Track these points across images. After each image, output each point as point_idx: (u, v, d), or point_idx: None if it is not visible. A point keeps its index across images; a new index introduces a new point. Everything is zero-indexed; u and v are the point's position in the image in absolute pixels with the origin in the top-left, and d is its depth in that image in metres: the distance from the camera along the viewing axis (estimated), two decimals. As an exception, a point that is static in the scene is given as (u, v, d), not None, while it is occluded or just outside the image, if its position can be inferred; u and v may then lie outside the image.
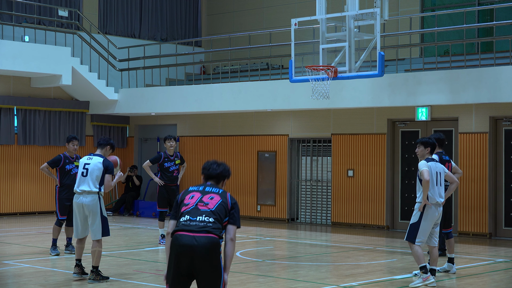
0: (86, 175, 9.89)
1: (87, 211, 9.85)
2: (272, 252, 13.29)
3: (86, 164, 9.96)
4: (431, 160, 9.87)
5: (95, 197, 9.86)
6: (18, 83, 19.32)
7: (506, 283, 10.22)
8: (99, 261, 9.86)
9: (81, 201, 9.87)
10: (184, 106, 18.75)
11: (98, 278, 9.79)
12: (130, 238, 15.17)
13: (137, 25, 22.50)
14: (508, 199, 15.40)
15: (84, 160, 10.05)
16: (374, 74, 12.71)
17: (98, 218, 9.83)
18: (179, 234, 5.75)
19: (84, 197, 9.86)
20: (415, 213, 9.75)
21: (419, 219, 9.69)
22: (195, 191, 5.99)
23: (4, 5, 19.29)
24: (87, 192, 9.85)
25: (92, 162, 9.93)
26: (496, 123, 15.54)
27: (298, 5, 21.16)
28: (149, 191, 20.64)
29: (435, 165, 9.85)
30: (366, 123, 17.09)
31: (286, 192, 18.42)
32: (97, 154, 10.06)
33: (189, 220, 5.79)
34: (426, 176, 9.56)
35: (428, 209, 9.67)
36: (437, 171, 9.81)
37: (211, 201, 5.88)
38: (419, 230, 9.67)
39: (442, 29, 16.52)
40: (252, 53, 20.27)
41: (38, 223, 17.52)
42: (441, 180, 9.83)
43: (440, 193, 9.80)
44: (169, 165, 13.97)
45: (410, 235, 9.72)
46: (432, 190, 9.71)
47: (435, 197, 9.72)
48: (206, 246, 5.69)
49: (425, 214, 9.67)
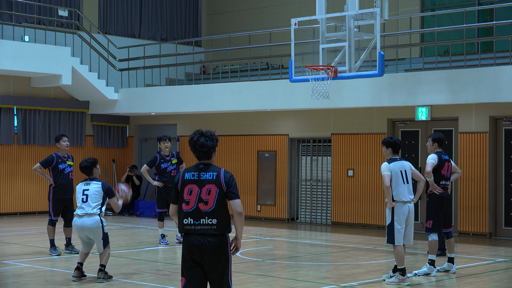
0: (86, 201, 9.86)
1: (90, 233, 9.85)
2: (272, 252, 13.29)
3: (85, 190, 9.90)
4: (394, 160, 9.95)
5: (96, 219, 9.81)
6: (18, 83, 19.32)
7: (506, 283, 10.22)
8: (107, 261, 9.95)
9: (82, 224, 9.81)
10: (184, 106, 18.75)
11: (107, 277, 9.88)
12: (130, 238, 15.17)
13: (137, 25, 22.50)
14: (508, 199, 15.40)
15: (81, 186, 9.96)
16: (374, 74, 12.71)
17: (100, 237, 9.84)
18: (188, 235, 6.06)
19: (85, 220, 9.78)
20: (387, 214, 9.91)
21: (391, 219, 9.84)
22: (192, 182, 6.07)
23: (4, 5, 19.29)
24: (88, 215, 9.80)
25: (91, 188, 9.90)
26: (496, 123, 15.54)
27: (298, 5, 21.16)
28: (149, 191, 20.65)
29: (400, 164, 9.93)
30: (366, 123, 17.08)
31: (286, 192, 18.42)
32: (94, 178, 10.01)
33: (193, 224, 6.04)
34: (386, 182, 9.75)
35: (397, 208, 9.81)
36: (402, 169, 9.90)
37: (210, 198, 6.01)
38: (395, 230, 9.81)
39: (442, 29, 16.52)
40: (252, 53, 20.27)
41: (38, 223, 17.52)
42: (407, 178, 9.91)
43: (408, 190, 9.90)
44: (165, 165, 13.97)
45: (390, 237, 9.87)
46: (397, 190, 9.83)
47: (401, 196, 9.83)
48: (216, 243, 6.02)
49: (395, 214, 9.83)
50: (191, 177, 6.09)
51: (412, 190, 9.98)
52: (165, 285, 9.70)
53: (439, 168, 10.82)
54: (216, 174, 6.07)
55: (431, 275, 10.52)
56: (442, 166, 10.85)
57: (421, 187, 10.13)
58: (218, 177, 6.06)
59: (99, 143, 21.04)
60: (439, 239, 11.53)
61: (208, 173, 6.08)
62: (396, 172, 9.85)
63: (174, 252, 13.15)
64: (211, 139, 6.13)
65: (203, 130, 6.18)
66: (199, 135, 6.13)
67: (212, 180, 6.05)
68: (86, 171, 10.07)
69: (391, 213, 9.83)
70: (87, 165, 10.06)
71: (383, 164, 9.93)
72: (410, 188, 9.93)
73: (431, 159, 10.74)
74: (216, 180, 6.05)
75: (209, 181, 6.05)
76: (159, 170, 13.98)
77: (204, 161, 6.16)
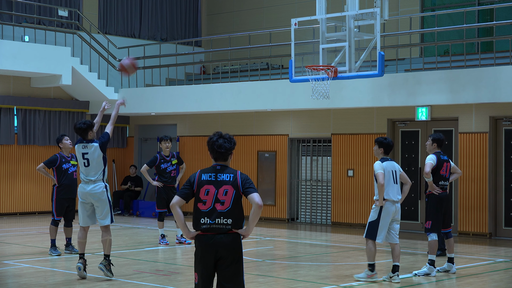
0: (88, 165, 10.01)
1: (95, 199, 10.00)
2: (272, 252, 13.29)
3: (84, 154, 10.03)
4: (386, 159, 10.11)
5: (101, 185, 10.04)
6: (18, 83, 19.32)
7: (506, 283, 10.22)
8: (110, 249, 10.06)
9: (88, 190, 10.00)
10: (184, 106, 18.75)
11: (109, 267, 9.94)
12: (130, 238, 15.17)
13: (137, 25, 22.50)
14: (508, 199, 15.40)
15: (80, 149, 10.08)
16: (374, 74, 12.71)
17: (106, 205, 10.02)
18: (203, 235, 6.22)
19: (91, 186, 10.00)
20: (374, 211, 10.03)
21: (378, 217, 9.98)
22: (209, 183, 6.24)
23: (4, 5, 19.29)
24: (93, 181, 10.00)
25: (90, 151, 10.02)
26: (496, 123, 15.54)
27: (298, 5, 21.16)
28: (149, 191, 20.65)
29: (391, 164, 10.11)
30: (366, 123, 17.09)
31: (286, 192, 18.42)
32: (90, 140, 10.08)
33: (209, 224, 6.20)
34: (381, 180, 9.88)
35: (386, 207, 9.96)
36: (393, 170, 10.09)
37: (226, 198, 6.20)
38: (379, 227, 9.96)
39: (442, 29, 16.52)
40: (252, 53, 20.26)
41: (38, 223, 17.51)
42: (396, 178, 10.09)
43: (397, 191, 10.07)
44: (165, 166, 13.97)
45: (370, 232, 10.03)
46: (388, 189, 9.99)
47: (391, 195, 10.00)
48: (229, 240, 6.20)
49: (383, 212, 9.97)
50: (208, 178, 6.26)
51: (400, 190, 10.16)
52: (165, 285, 9.70)
53: (438, 168, 10.83)
54: (233, 176, 6.26)
55: (431, 275, 10.53)
56: (441, 166, 10.85)
57: (407, 189, 10.26)
58: (235, 178, 6.24)
59: (99, 143, 21.01)
60: (439, 240, 11.55)
61: (225, 175, 6.26)
62: (388, 172, 10.03)
63: (174, 252, 13.15)
64: (229, 141, 6.32)
65: (222, 132, 6.38)
66: (218, 137, 6.33)
67: (229, 181, 6.23)
68: (81, 133, 10.07)
69: (379, 210, 9.98)
70: (81, 127, 10.07)
71: (377, 162, 10.08)
72: (398, 188, 10.13)
73: (430, 159, 10.77)
74: (233, 181, 6.23)
75: (226, 182, 6.23)
76: (159, 170, 13.98)
77: (220, 163, 6.33)
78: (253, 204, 6.19)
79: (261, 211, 6.21)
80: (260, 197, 6.22)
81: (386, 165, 10.03)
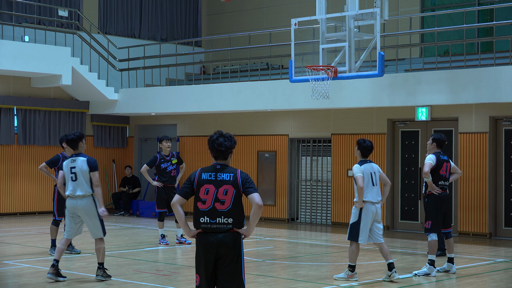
0: (75, 180, 9.79)
1: (83, 214, 9.81)
2: (272, 252, 13.29)
3: (72, 168, 9.81)
4: (365, 162, 10.24)
5: (89, 199, 9.82)
6: (18, 83, 19.32)
7: (506, 283, 10.22)
8: (104, 258, 9.96)
9: (75, 205, 9.81)
10: (184, 106, 18.75)
11: (105, 275, 9.88)
12: (130, 238, 15.17)
13: (137, 25, 22.50)
14: (508, 199, 15.40)
15: (68, 164, 9.87)
16: (374, 74, 12.71)
17: (96, 218, 9.83)
18: (204, 233, 6.24)
19: (79, 201, 9.80)
20: (354, 213, 10.16)
21: (358, 218, 10.10)
22: (209, 182, 6.25)
23: (4, 5, 19.29)
24: (81, 197, 9.79)
25: (77, 165, 9.80)
26: (496, 123, 15.54)
27: (298, 5, 21.16)
28: (149, 191, 20.65)
29: (370, 166, 10.24)
30: (366, 123, 17.08)
31: (286, 192, 18.42)
32: (79, 154, 9.92)
33: (210, 223, 6.22)
34: (360, 183, 10.02)
35: (365, 208, 10.08)
36: (372, 171, 10.21)
37: (226, 198, 6.21)
38: (360, 229, 10.07)
39: (442, 29, 16.52)
40: (252, 53, 20.27)
41: (38, 223, 17.51)
42: (376, 180, 10.20)
43: (377, 192, 10.17)
44: (165, 165, 13.97)
45: (352, 234, 10.13)
46: (366, 191, 10.11)
47: (370, 197, 10.13)
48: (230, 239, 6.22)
49: (364, 213, 10.09)
50: (208, 177, 6.28)
51: (379, 192, 10.25)
52: (165, 285, 9.71)
53: (438, 168, 10.82)
54: (233, 175, 6.26)
55: (431, 275, 10.53)
56: (440, 166, 10.84)
57: (387, 190, 10.33)
58: (235, 178, 6.25)
59: (99, 143, 21.05)
60: (439, 239, 11.55)
61: (225, 174, 6.27)
62: (367, 174, 10.16)
63: (174, 252, 13.16)
64: (229, 140, 6.35)
65: (222, 131, 6.41)
66: (218, 135, 6.36)
67: (229, 180, 6.24)
68: (71, 144, 9.91)
69: (359, 212, 10.08)
70: (73, 138, 9.90)
71: (355, 166, 10.22)
72: (378, 190, 10.23)
73: (429, 159, 10.77)
74: (233, 181, 6.24)
75: (226, 182, 6.25)
76: (159, 170, 13.98)
77: (220, 162, 6.34)
78: (253, 204, 6.20)
79: (261, 211, 6.21)
80: (260, 197, 6.22)
81: (364, 167, 10.16)
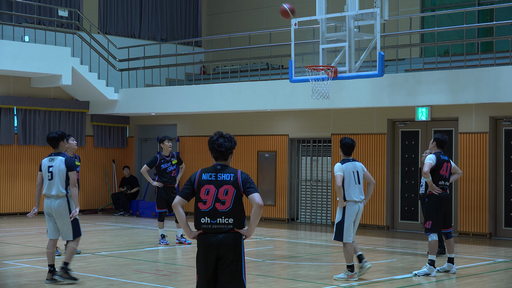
0: (52, 179, 9.63)
1: (56, 215, 9.64)
2: (272, 252, 13.29)
3: (50, 167, 9.66)
4: (347, 160, 10.28)
5: (63, 200, 9.61)
6: (18, 83, 19.32)
7: (506, 283, 10.22)
8: (71, 259, 9.71)
9: (50, 205, 9.63)
10: (184, 106, 18.75)
11: (65, 276, 9.58)
12: (130, 238, 15.17)
13: (137, 25, 22.50)
14: (508, 199, 15.40)
15: (46, 162, 9.72)
16: (374, 74, 12.71)
17: (67, 220, 9.61)
18: (205, 234, 6.26)
19: (53, 201, 9.62)
20: (338, 212, 10.19)
21: (342, 217, 10.15)
22: (209, 183, 6.27)
23: (4, 5, 19.29)
24: (55, 197, 9.62)
25: (55, 164, 9.65)
26: (496, 123, 15.54)
27: (298, 5, 21.13)
28: (149, 191, 20.65)
29: (352, 165, 10.27)
30: (366, 123, 17.09)
31: (286, 192, 18.42)
32: (58, 153, 9.74)
33: (210, 224, 6.23)
34: (338, 182, 10.09)
35: (348, 207, 10.12)
36: (354, 170, 10.23)
37: (227, 198, 6.23)
38: (345, 228, 10.11)
39: (442, 29, 16.52)
40: (252, 53, 20.27)
41: (38, 223, 17.50)
42: (359, 179, 10.23)
43: (360, 191, 10.20)
44: (166, 166, 13.97)
45: (338, 234, 10.18)
46: (349, 189, 10.15)
47: (352, 195, 10.16)
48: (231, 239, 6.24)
49: (347, 212, 10.14)
50: (208, 178, 6.29)
51: (363, 190, 10.29)
52: (165, 285, 9.70)
53: (438, 168, 10.81)
54: (233, 175, 6.28)
55: (431, 276, 10.53)
56: (440, 166, 10.83)
57: (371, 189, 10.36)
58: (235, 178, 6.27)
59: (99, 143, 21.05)
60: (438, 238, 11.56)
61: (226, 174, 6.29)
62: (349, 173, 10.18)
63: (174, 252, 13.16)
64: (229, 140, 6.37)
65: (222, 132, 6.43)
66: (219, 136, 6.38)
67: (229, 181, 6.26)
68: (52, 142, 9.74)
69: (342, 211, 10.13)
70: (54, 137, 9.73)
71: (336, 164, 10.24)
72: (361, 188, 10.26)
73: (429, 159, 10.76)
74: (234, 181, 6.26)
75: (227, 182, 6.26)
76: (159, 171, 13.98)
77: (221, 162, 6.36)
78: (254, 204, 6.21)
79: (262, 211, 6.23)
80: (260, 197, 6.24)
81: (346, 166, 10.20)
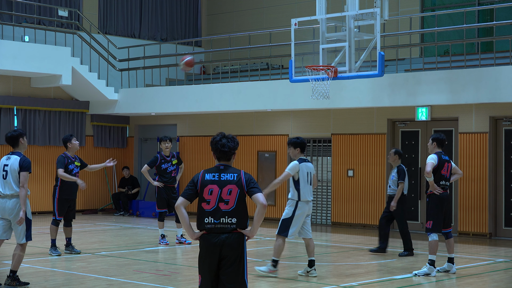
0: (6, 178, 9.30)
1: (10, 214, 9.29)
2: (272, 252, 13.25)
3: (5, 165, 9.34)
4: (304, 160, 10.45)
5: (18, 200, 9.27)
6: (18, 83, 19.32)
7: (506, 283, 10.22)
8: (19, 266, 9.38)
9: (3, 205, 9.27)
10: (184, 106, 18.76)
11: (14, 284, 9.30)
12: (130, 238, 15.17)
13: (137, 25, 22.51)
14: (508, 199, 15.40)
15: (3, 161, 9.41)
16: (374, 74, 12.71)
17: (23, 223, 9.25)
18: (208, 234, 6.27)
19: (7, 201, 9.28)
20: (288, 208, 10.35)
21: (292, 215, 10.31)
22: (212, 183, 6.29)
23: (4, 5, 19.29)
24: (10, 196, 9.28)
25: (11, 163, 9.32)
26: (496, 123, 15.54)
27: (298, 5, 21.16)
28: (149, 191, 20.65)
29: (308, 165, 10.46)
30: (366, 123, 17.09)
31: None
32: (16, 152, 9.43)
33: (214, 223, 6.25)
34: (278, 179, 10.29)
35: (300, 206, 10.31)
36: (309, 171, 10.44)
37: (230, 198, 6.25)
38: (292, 225, 10.29)
39: (442, 29, 16.53)
40: (252, 53, 20.27)
41: (38, 223, 17.49)
42: (310, 179, 10.44)
43: (310, 191, 10.43)
44: (166, 166, 13.97)
45: (282, 229, 10.36)
46: (304, 189, 10.34)
47: (306, 195, 10.36)
48: (234, 239, 6.26)
49: (298, 211, 10.33)
50: (212, 178, 6.31)
51: (312, 191, 10.50)
52: (165, 285, 9.70)
53: (439, 168, 10.81)
54: (237, 175, 6.31)
55: (431, 275, 10.53)
56: (441, 166, 10.84)
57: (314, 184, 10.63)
58: (239, 178, 6.30)
59: (99, 143, 21.05)
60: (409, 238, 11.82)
61: (229, 174, 6.32)
62: (304, 173, 10.37)
63: (174, 252, 13.15)
64: (232, 141, 6.44)
65: (225, 133, 6.51)
66: (221, 136, 6.46)
67: (233, 180, 6.29)
68: (10, 141, 9.43)
69: (294, 209, 10.30)
70: (13, 135, 9.42)
71: (293, 162, 10.40)
72: (311, 188, 10.46)
73: (431, 159, 10.76)
74: (237, 181, 6.28)
75: (230, 182, 6.29)
76: (159, 171, 13.98)
77: (223, 162, 6.40)
78: (258, 204, 6.23)
79: (265, 211, 6.24)
80: (264, 197, 6.25)
81: (303, 166, 10.38)
